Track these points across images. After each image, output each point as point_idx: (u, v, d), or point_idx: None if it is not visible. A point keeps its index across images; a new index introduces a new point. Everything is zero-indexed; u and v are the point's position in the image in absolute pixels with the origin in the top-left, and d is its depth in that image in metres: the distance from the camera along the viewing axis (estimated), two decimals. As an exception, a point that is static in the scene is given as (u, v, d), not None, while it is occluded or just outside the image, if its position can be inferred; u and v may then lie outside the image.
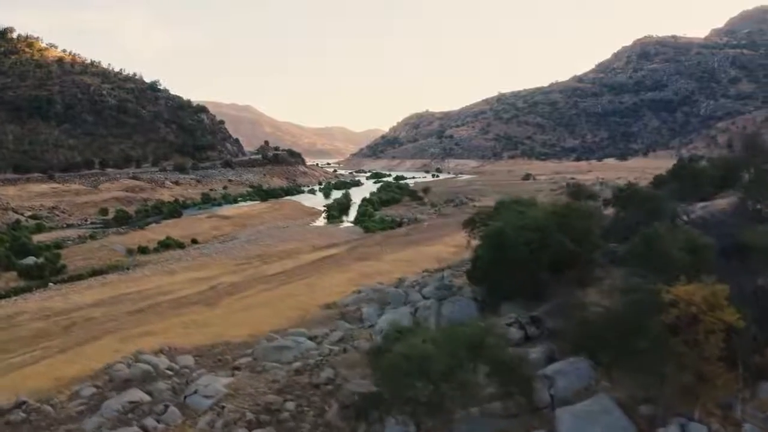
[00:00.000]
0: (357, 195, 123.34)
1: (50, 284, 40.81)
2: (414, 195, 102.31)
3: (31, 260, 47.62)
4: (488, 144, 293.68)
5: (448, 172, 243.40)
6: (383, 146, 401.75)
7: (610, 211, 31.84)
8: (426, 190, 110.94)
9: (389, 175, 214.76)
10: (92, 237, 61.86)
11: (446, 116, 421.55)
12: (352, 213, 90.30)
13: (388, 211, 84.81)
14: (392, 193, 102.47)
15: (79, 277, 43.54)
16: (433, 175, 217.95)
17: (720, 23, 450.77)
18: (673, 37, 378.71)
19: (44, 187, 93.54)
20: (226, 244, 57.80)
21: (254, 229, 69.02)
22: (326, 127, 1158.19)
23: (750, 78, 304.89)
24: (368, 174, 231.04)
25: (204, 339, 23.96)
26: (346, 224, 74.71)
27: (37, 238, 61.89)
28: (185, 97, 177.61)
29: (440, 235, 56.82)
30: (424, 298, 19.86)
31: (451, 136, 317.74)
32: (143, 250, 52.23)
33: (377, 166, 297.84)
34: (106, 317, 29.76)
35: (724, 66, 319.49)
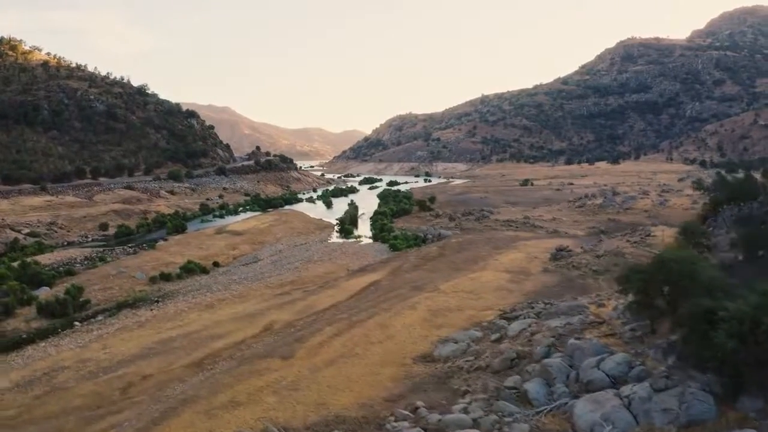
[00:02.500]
0: (357, 203, 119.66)
1: (76, 323, 36.58)
2: (423, 205, 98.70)
3: (45, 291, 43.34)
4: (476, 147, 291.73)
5: (439, 176, 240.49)
6: (367, 149, 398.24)
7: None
8: (432, 199, 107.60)
9: (380, 180, 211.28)
10: (101, 259, 57.31)
11: (430, 118, 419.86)
12: (361, 224, 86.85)
13: (403, 224, 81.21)
14: (402, 204, 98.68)
15: (104, 312, 39.38)
16: (425, 180, 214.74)
17: (700, 25, 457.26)
18: (656, 38, 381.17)
19: (38, 199, 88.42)
20: (251, 267, 53.70)
21: (273, 248, 64.98)
22: (303, 128, 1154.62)
23: (734, 80, 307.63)
24: (359, 179, 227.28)
25: (308, 412, 20.18)
26: (365, 240, 70.92)
27: (41, 259, 57.43)
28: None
29: (481, 257, 53.45)
30: (610, 377, 16.31)
31: (438, 139, 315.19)
32: (166, 277, 48.02)
33: (364, 169, 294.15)
34: (166, 375, 25.79)
35: (708, 68, 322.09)
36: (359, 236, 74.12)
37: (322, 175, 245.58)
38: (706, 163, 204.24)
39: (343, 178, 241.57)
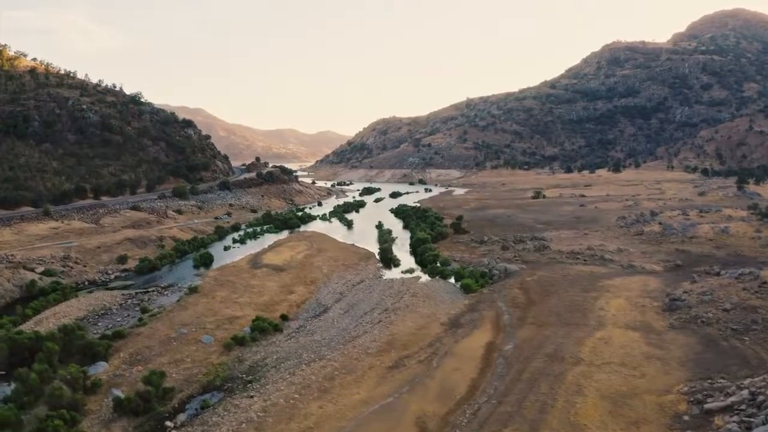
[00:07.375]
0: (369, 220, 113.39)
1: (168, 424, 29.52)
2: (458, 227, 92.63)
3: (103, 368, 36.15)
4: (469, 153, 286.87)
5: (435, 184, 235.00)
6: (351, 153, 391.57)
7: None
8: (460, 218, 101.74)
9: (379, 190, 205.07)
10: (144, 309, 50.03)
11: (414, 122, 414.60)
12: (395, 249, 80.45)
13: (446, 252, 75.02)
14: (437, 227, 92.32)
15: (191, 401, 32.40)
16: (425, 189, 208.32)
17: (681, 27, 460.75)
18: (642, 42, 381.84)
19: (42, 226, 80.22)
20: (326, 321, 46.84)
21: (330, 289, 58.13)
22: (277, 129, 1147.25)
23: (721, 84, 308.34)
24: (354, 187, 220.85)
25: None
26: (422, 276, 64.28)
27: (70, 310, 50.16)
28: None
29: (579, 304, 47.64)
30: None
31: (429, 145, 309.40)
32: (240, 341, 41.05)
33: (355, 176, 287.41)
34: None
35: (695, 72, 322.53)
36: (412, 269, 67.66)
37: (313, 182, 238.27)
38: (707, 171, 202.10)
39: (337, 186, 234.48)
